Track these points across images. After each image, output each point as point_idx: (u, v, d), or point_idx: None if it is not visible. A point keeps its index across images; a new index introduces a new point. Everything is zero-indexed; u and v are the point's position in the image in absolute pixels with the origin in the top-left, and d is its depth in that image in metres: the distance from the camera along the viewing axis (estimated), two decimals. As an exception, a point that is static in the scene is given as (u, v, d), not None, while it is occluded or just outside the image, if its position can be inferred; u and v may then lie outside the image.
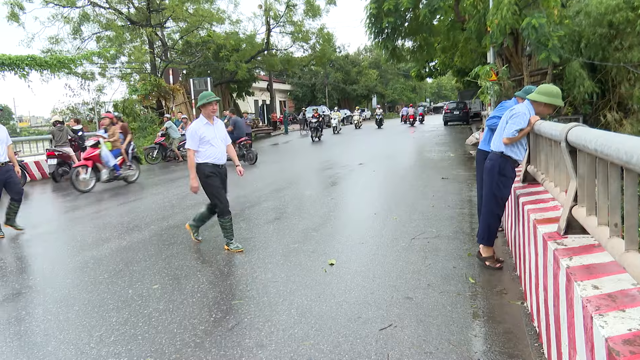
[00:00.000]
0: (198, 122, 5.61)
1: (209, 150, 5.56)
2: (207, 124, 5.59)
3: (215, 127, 5.67)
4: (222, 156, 5.68)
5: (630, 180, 2.04)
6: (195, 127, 5.53)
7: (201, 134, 5.49)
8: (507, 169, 4.51)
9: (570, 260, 2.53)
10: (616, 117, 12.30)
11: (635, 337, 1.70)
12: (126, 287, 4.68)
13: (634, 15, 11.35)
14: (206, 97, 5.55)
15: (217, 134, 5.65)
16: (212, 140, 5.55)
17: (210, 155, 5.56)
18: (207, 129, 5.56)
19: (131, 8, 24.70)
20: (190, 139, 5.52)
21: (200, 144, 5.52)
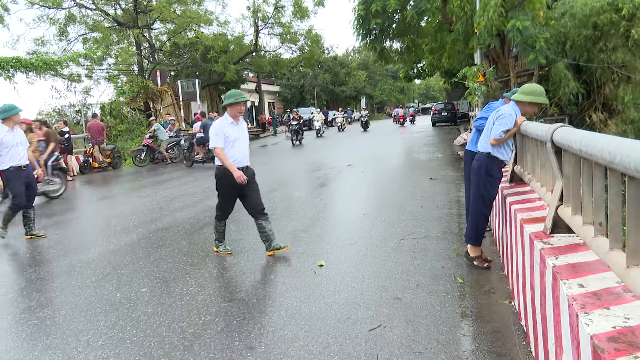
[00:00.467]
0: (223, 120, 5.36)
1: (232, 150, 5.29)
2: (232, 123, 5.34)
3: (240, 127, 5.43)
4: (244, 158, 5.41)
5: (614, 179, 2.07)
6: (220, 125, 5.28)
7: (225, 132, 5.24)
8: (493, 170, 4.56)
9: (556, 259, 2.56)
10: (601, 118, 12.46)
11: (620, 335, 1.72)
12: (114, 291, 4.64)
13: (617, 17, 11.51)
14: (234, 96, 5.27)
15: (241, 135, 5.41)
16: (235, 141, 5.29)
17: (232, 157, 5.28)
18: (231, 129, 5.30)
19: (118, 9, 24.56)
20: (215, 136, 5.23)
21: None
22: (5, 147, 6.42)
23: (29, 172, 6.77)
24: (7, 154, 6.44)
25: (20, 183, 6.59)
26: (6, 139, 6.41)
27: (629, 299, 1.96)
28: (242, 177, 5.20)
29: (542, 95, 4.29)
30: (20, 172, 6.58)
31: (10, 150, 6.45)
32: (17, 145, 6.52)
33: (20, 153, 6.57)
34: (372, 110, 66.44)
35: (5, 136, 6.40)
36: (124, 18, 24.17)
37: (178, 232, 6.85)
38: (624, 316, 1.85)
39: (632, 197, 1.87)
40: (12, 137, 6.47)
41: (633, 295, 1.93)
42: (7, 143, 6.42)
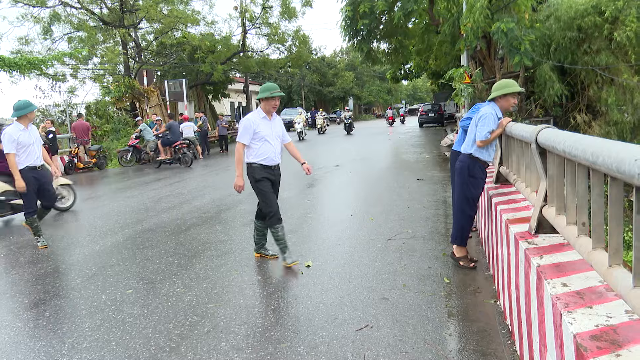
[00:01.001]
0: (255, 114, 5.05)
1: (263, 147, 4.98)
2: (264, 118, 5.03)
3: (273, 123, 5.11)
4: (276, 155, 5.11)
5: (597, 180, 2.10)
6: (251, 119, 4.97)
7: (256, 127, 4.93)
8: (476, 170, 4.61)
9: (540, 259, 2.58)
10: (585, 119, 12.62)
11: (602, 333, 1.75)
12: (99, 292, 4.60)
13: (601, 20, 11.67)
14: (270, 89, 4.95)
15: (274, 130, 5.09)
16: (267, 136, 4.98)
17: (263, 154, 4.98)
18: (264, 124, 4.99)
19: (104, 8, 24.28)
20: (243, 131, 4.93)
21: (253, 140, 4.95)
22: (22, 146, 6.09)
23: (44, 172, 6.40)
24: (22, 153, 6.12)
25: (33, 186, 6.20)
26: (22, 138, 6.08)
27: (611, 298, 1.99)
28: (241, 188, 5.08)
29: (510, 85, 4.41)
30: (34, 172, 6.22)
31: (27, 149, 6.14)
32: (32, 144, 6.20)
33: (36, 152, 6.25)
34: (359, 111, 66.62)
35: (21, 135, 6.07)
36: (110, 17, 23.93)
37: (164, 233, 6.81)
38: (606, 315, 1.87)
39: (614, 197, 1.90)
40: (27, 135, 6.15)
41: (615, 294, 1.96)
42: (23, 142, 6.09)
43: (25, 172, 6.10)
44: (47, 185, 6.44)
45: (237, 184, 5.05)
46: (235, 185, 5.05)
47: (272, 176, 5.11)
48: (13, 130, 6.04)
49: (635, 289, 1.69)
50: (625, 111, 12.13)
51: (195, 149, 18.41)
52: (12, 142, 6.00)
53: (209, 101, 32.22)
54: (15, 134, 6.02)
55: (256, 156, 4.99)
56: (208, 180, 12.25)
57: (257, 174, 5.01)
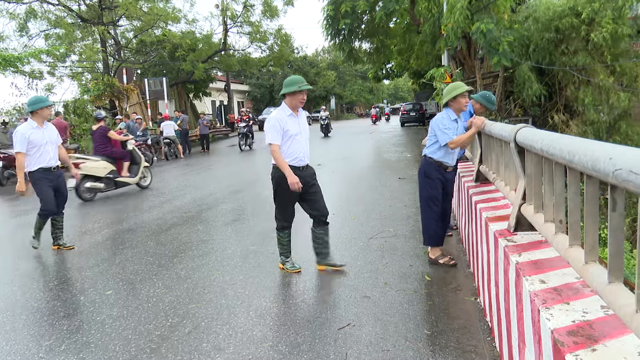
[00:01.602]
0: (280, 111, 4.61)
1: (292, 147, 4.57)
2: (291, 115, 4.59)
3: (300, 119, 4.70)
4: (305, 155, 4.68)
5: (573, 178, 2.14)
6: (278, 117, 4.53)
7: (284, 126, 4.51)
8: (430, 171, 4.77)
9: (519, 257, 2.62)
10: (563, 119, 12.84)
11: (579, 328, 1.78)
12: (77, 294, 4.53)
13: (578, 21, 11.87)
14: (297, 83, 4.53)
15: (302, 128, 4.68)
16: (296, 136, 4.56)
17: (292, 154, 4.57)
18: (291, 121, 4.57)
19: (82, 5, 23.90)
20: (271, 130, 4.50)
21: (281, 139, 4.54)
22: (34, 146, 5.66)
23: (59, 174, 5.97)
24: (35, 153, 5.69)
25: (48, 187, 5.80)
26: (34, 137, 5.65)
27: (588, 294, 2.03)
28: (297, 184, 4.48)
29: (457, 88, 4.61)
30: (48, 174, 5.80)
31: (39, 149, 5.70)
32: (46, 144, 5.75)
33: (50, 153, 5.80)
34: (341, 110, 66.72)
35: (32, 133, 5.65)
36: (89, 14, 23.55)
37: (145, 233, 6.74)
38: (582, 310, 1.91)
39: (590, 195, 1.94)
40: (41, 134, 5.71)
41: (591, 290, 2.00)
42: (35, 142, 5.66)
43: (38, 174, 5.72)
44: (61, 189, 6.02)
45: (293, 182, 4.45)
46: (291, 183, 4.45)
47: (300, 178, 4.56)
48: (24, 128, 5.68)
49: (610, 285, 1.72)
50: (601, 111, 12.37)
51: (176, 147, 18.26)
52: (23, 140, 5.61)
53: (190, 100, 31.94)
54: (26, 132, 5.63)
55: (284, 157, 4.56)
56: (189, 179, 12.15)
57: (282, 178, 4.54)
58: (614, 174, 1.50)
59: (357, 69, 53.46)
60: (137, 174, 10.40)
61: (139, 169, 10.40)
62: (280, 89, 21.63)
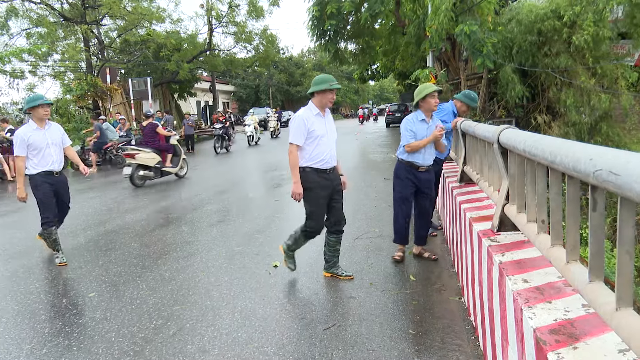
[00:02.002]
0: (307, 110, 4.37)
1: (317, 148, 4.31)
2: (318, 114, 4.36)
3: (327, 120, 4.47)
4: (332, 157, 4.47)
5: (555, 179, 2.17)
6: (304, 117, 4.29)
7: (310, 126, 4.27)
8: (400, 171, 4.92)
9: (502, 256, 2.65)
10: (545, 120, 12.99)
11: (560, 327, 1.80)
12: (59, 297, 4.47)
13: (560, 24, 12.02)
14: (328, 81, 4.32)
15: (329, 128, 4.44)
16: (322, 137, 4.32)
17: (317, 156, 4.32)
18: (318, 121, 4.34)
19: (64, 4, 23.60)
20: (295, 130, 4.27)
21: (306, 140, 4.30)
22: (34, 148, 5.30)
23: (62, 179, 5.58)
24: (36, 156, 5.32)
25: (49, 192, 5.41)
26: (34, 139, 5.29)
27: (569, 293, 2.06)
28: (299, 196, 4.31)
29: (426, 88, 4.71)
30: (50, 178, 5.42)
31: (40, 152, 5.32)
32: (48, 146, 5.37)
33: (52, 156, 5.41)
34: (327, 111, 66.67)
35: (32, 135, 5.29)
36: (71, 13, 23.26)
37: (128, 234, 6.67)
38: (564, 309, 1.94)
39: (571, 195, 1.96)
40: (41, 136, 5.35)
41: (573, 289, 2.03)
42: (35, 144, 5.29)
43: (38, 178, 5.33)
44: (62, 195, 5.66)
45: (296, 192, 4.29)
46: (294, 193, 4.31)
47: (327, 181, 4.40)
48: (23, 131, 5.32)
49: (591, 284, 1.75)
50: (583, 112, 12.54)
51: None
52: (21, 143, 5.25)
53: (174, 100, 31.72)
54: (25, 135, 5.28)
55: (309, 159, 4.31)
56: (174, 179, 12.06)
57: (310, 178, 4.33)
58: (595, 174, 1.52)
59: (343, 69, 53.54)
60: (177, 164, 11.75)
61: (179, 161, 11.80)
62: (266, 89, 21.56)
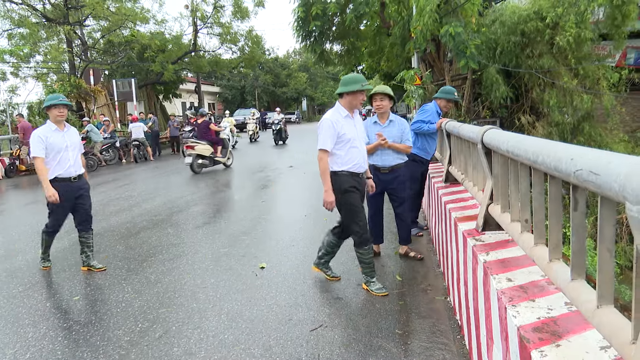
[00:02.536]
0: (335, 113, 4.14)
1: (350, 153, 4.11)
2: (347, 116, 4.15)
3: (356, 121, 4.26)
4: (364, 161, 4.25)
5: (537, 179, 2.20)
6: (333, 120, 4.06)
7: (340, 129, 4.07)
8: None
9: (487, 256, 2.67)
10: (529, 120, 13.14)
11: (544, 325, 1.83)
12: (43, 301, 4.41)
13: (543, 25, 12.17)
14: (359, 81, 4.10)
15: (358, 130, 4.25)
16: (353, 140, 4.11)
17: (349, 161, 4.11)
18: (347, 124, 4.12)
19: (47, 4, 23.30)
20: (324, 134, 4.05)
21: (336, 144, 4.09)
22: (51, 150, 4.91)
23: (80, 185, 5.15)
24: (52, 160, 4.93)
25: (61, 203, 4.96)
26: (52, 140, 4.91)
27: (552, 291, 2.09)
28: (331, 205, 4.07)
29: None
30: (67, 185, 5.00)
31: (57, 155, 4.94)
32: (66, 149, 4.97)
33: (70, 160, 5.02)
34: (313, 111, 66.76)
35: (50, 137, 4.92)
36: (54, 14, 22.96)
37: (113, 237, 6.61)
38: (547, 307, 1.96)
39: (553, 195, 1.99)
40: (60, 138, 4.96)
41: (555, 287, 2.06)
42: (53, 146, 4.90)
43: (53, 184, 4.91)
44: (84, 203, 5.20)
45: (327, 200, 4.07)
46: (326, 202, 4.09)
47: (360, 185, 4.24)
48: (42, 131, 4.97)
49: (573, 282, 1.77)
50: (566, 112, 12.71)
51: (145, 150, 17.97)
52: (39, 144, 4.88)
53: (159, 101, 31.49)
54: (43, 135, 4.90)
55: (343, 164, 4.12)
56: (159, 182, 11.97)
57: (344, 183, 4.12)
58: (575, 174, 1.55)
59: (329, 70, 53.57)
60: (226, 155, 13.92)
61: (226, 152, 14.02)
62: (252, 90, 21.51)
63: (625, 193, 1.18)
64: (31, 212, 8.73)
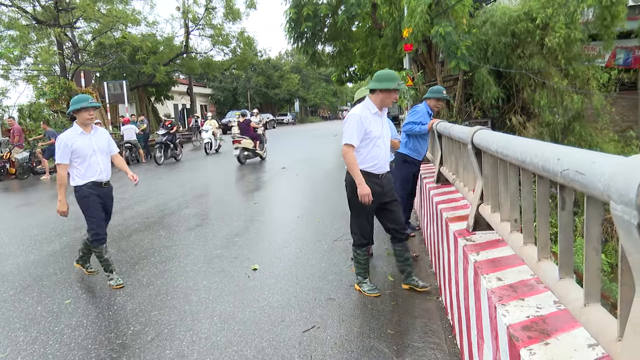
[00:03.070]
0: (365, 109, 3.99)
1: (372, 151, 3.99)
2: (376, 113, 3.99)
3: (384, 120, 4.12)
4: (386, 162, 4.11)
5: (526, 179, 2.22)
6: (362, 116, 3.93)
7: (367, 126, 3.92)
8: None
9: (477, 255, 2.69)
10: (520, 120, 13.22)
11: (532, 324, 1.84)
12: (34, 304, 4.38)
13: (533, 26, 12.26)
14: (394, 80, 3.90)
15: (385, 130, 4.09)
16: (378, 139, 3.99)
17: (371, 159, 4.01)
18: (375, 121, 3.98)
19: (37, 6, 23.15)
20: (352, 129, 3.91)
21: (361, 142, 3.96)
22: (78, 156, 4.62)
23: (109, 191, 4.89)
24: (81, 164, 4.65)
25: (98, 205, 4.74)
26: (78, 145, 4.62)
27: (541, 290, 2.11)
28: (368, 197, 3.91)
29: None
30: (99, 189, 4.74)
31: (86, 159, 4.65)
32: (94, 153, 4.69)
33: (100, 164, 4.72)
34: (305, 113, 66.80)
35: (77, 141, 4.63)
36: (44, 16, 22.81)
37: (105, 240, 6.57)
38: (536, 306, 1.98)
39: (541, 194, 2.01)
40: (87, 142, 4.67)
41: (544, 286, 2.08)
42: (80, 151, 4.62)
43: (86, 190, 4.67)
44: (108, 208, 4.95)
45: (363, 193, 3.90)
46: (361, 195, 3.92)
47: (379, 187, 4.04)
48: (68, 135, 4.66)
49: (561, 281, 1.79)
50: (556, 112, 12.80)
51: (137, 152, 17.89)
52: (65, 150, 4.59)
53: (151, 103, 31.37)
54: (69, 140, 4.61)
55: (362, 162, 4.00)
56: (151, 184, 11.92)
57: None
58: (562, 174, 1.56)
59: (321, 72, 53.67)
60: (263, 149, 15.80)
61: (263, 146, 15.92)
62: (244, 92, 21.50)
63: (610, 192, 1.20)
64: (22, 215, 8.66)
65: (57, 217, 8.18)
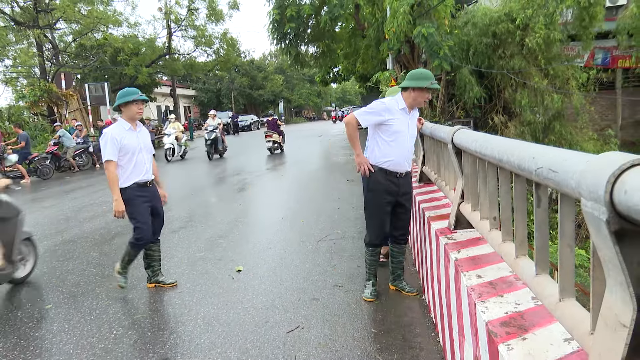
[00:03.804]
0: (393, 101, 3.83)
1: (394, 151, 3.82)
2: (403, 109, 3.81)
3: (412, 118, 3.93)
4: (406, 160, 3.89)
5: (504, 178, 2.25)
6: (389, 106, 3.78)
7: (390, 116, 3.76)
8: None
9: (458, 253, 2.73)
10: (502, 120, 13.39)
11: (511, 319, 1.88)
12: (14, 310, 4.32)
13: (513, 27, 12.44)
14: (429, 79, 3.77)
15: (410, 129, 3.90)
16: (398, 134, 3.80)
17: (386, 155, 3.83)
18: (402, 118, 3.81)
19: (15, 7, 22.80)
20: (370, 111, 3.78)
21: (382, 133, 3.81)
22: (125, 153, 4.30)
23: (154, 190, 4.59)
24: (127, 163, 4.33)
25: (145, 208, 4.44)
26: (127, 141, 4.30)
27: (519, 286, 2.15)
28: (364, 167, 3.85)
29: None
30: (145, 191, 4.44)
31: (132, 158, 4.34)
32: (140, 151, 4.40)
33: (145, 163, 4.45)
34: (290, 114, 66.74)
35: (125, 137, 4.30)
36: (23, 17, 22.48)
37: (87, 243, 6.50)
38: (514, 302, 2.02)
39: (518, 193, 2.05)
40: (134, 138, 4.37)
41: (522, 282, 2.11)
42: (128, 147, 4.29)
43: (131, 192, 4.35)
44: (157, 208, 4.60)
45: (358, 161, 3.87)
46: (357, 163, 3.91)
47: (394, 186, 3.88)
48: (116, 130, 4.32)
49: (538, 277, 1.82)
50: (537, 112, 13.00)
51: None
52: (113, 145, 4.25)
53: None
54: (118, 135, 4.28)
55: (377, 157, 3.86)
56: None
57: (372, 182, 3.87)
58: (536, 172, 1.59)
59: (305, 73, 53.66)
60: (284, 142, 18.30)
61: (284, 140, 18.34)
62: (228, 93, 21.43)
63: (580, 189, 1.23)
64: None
65: (37, 221, 8.11)
